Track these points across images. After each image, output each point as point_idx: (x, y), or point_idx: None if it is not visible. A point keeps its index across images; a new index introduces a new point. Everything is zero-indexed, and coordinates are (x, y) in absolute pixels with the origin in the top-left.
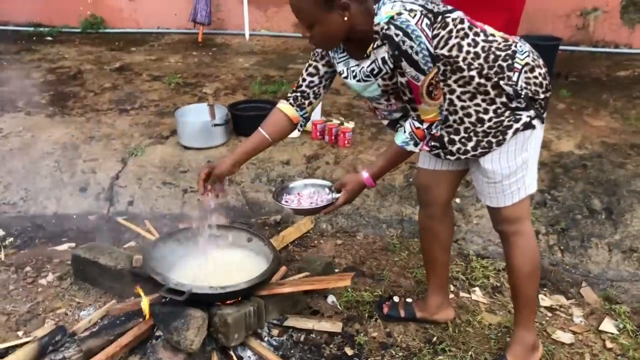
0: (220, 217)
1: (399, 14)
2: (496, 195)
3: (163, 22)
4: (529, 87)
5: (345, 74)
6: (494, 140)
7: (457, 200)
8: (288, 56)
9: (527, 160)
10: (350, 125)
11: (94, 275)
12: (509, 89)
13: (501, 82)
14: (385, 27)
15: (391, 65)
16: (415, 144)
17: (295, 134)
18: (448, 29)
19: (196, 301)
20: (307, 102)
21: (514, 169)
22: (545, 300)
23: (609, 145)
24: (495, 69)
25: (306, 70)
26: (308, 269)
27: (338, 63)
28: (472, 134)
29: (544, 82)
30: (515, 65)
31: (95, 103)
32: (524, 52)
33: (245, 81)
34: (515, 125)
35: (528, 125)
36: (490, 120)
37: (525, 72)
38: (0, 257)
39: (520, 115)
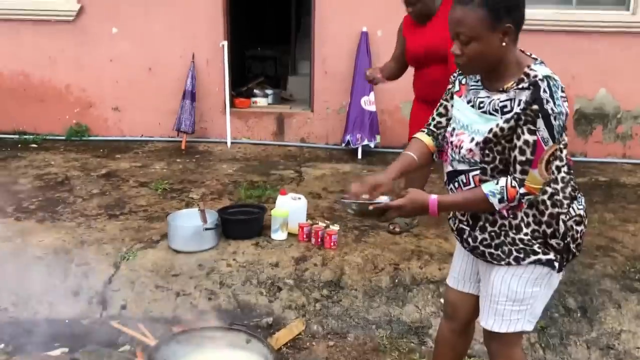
0: (213, 320)
1: (556, 79)
2: (494, 317)
3: (147, 130)
4: (570, 234)
5: (471, 102)
6: (515, 254)
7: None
8: (269, 162)
9: (536, 296)
10: (335, 227)
11: None
12: (561, 226)
13: (561, 216)
14: (540, 78)
15: (520, 113)
16: (500, 201)
17: (282, 236)
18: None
19: None
20: (437, 139)
21: (520, 297)
22: None
23: None
24: (561, 202)
25: (436, 110)
26: None
27: (469, 90)
28: (503, 233)
29: (580, 242)
30: (571, 210)
31: (85, 208)
32: (582, 204)
33: (229, 186)
34: (540, 256)
35: (549, 263)
36: (525, 235)
37: (575, 221)
38: None
39: (549, 252)
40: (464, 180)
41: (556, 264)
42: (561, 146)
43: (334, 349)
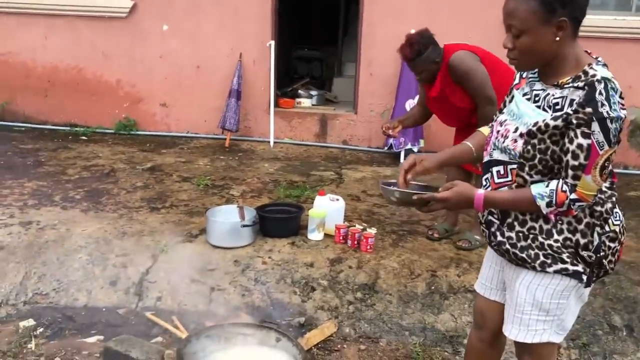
0: (246, 317)
1: (615, 83)
2: (519, 327)
3: (193, 127)
4: (604, 249)
5: (527, 95)
6: (542, 258)
7: None
8: (310, 163)
9: (564, 309)
10: (372, 231)
11: None
12: (595, 238)
13: (596, 227)
14: (598, 79)
15: (571, 115)
16: (549, 205)
17: (318, 236)
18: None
19: None
20: None
21: (546, 308)
22: None
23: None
24: (599, 214)
25: (502, 105)
26: None
27: (528, 82)
28: (531, 236)
29: (614, 258)
30: (607, 225)
31: (128, 200)
32: (618, 219)
33: (269, 185)
34: (568, 265)
35: (577, 275)
36: (556, 242)
37: (609, 237)
38: (30, 347)
39: (579, 264)
40: (502, 172)
41: (584, 277)
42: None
43: (365, 353)
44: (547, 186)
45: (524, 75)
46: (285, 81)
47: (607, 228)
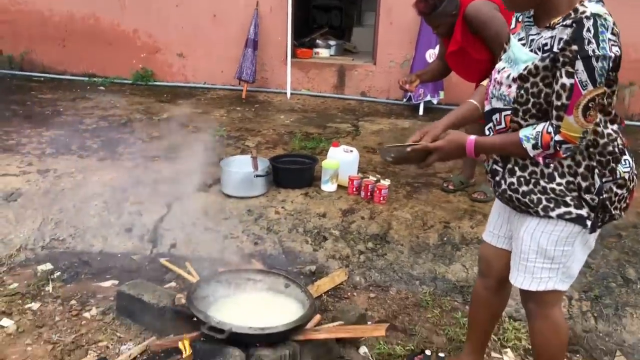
0: (258, 264)
1: (606, 19)
2: (524, 275)
3: (210, 78)
4: (609, 195)
5: (522, 39)
6: (544, 202)
7: None
8: (327, 115)
9: (569, 256)
10: (386, 182)
11: (136, 311)
12: (597, 181)
13: (595, 171)
14: (587, 15)
15: (558, 54)
16: (535, 147)
17: (332, 187)
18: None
19: (235, 341)
20: None
21: (551, 255)
22: None
23: None
24: (600, 158)
25: (502, 53)
26: (342, 319)
27: (524, 26)
28: (533, 180)
29: (621, 205)
30: (616, 172)
31: (144, 150)
32: (627, 167)
33: (285, 136)
34: (571, 209)
35: (580, 220)
36: (559, 185)
37: (617, 184)
38: (48, 289)
39: (583, 207)
40: (497, 119)
41: (588, 223)
42: (607, 95)
43: (374, 301)
44: (534, 129)
45: (520, 19)
46: (304, 31)
47: (616, 175)
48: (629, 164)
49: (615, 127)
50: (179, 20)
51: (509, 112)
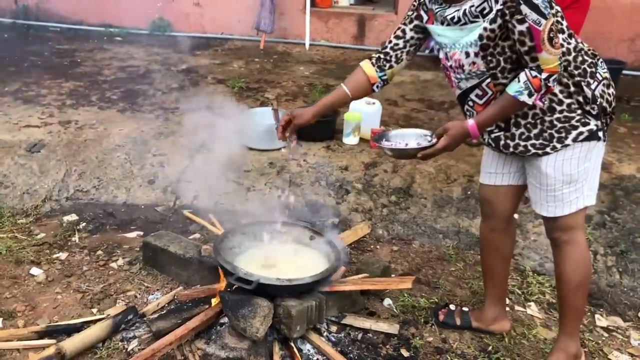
0: (281, 216)
1: None
2: (554, 204)
3: (227, 28)
4: (603, 99)
5: (445, 22)
6: (556, 135)
7: (515, 216)
8: (347, 67)
9: (589, 170)
10: None
11: (162, 262)
12: (587, 91)
13: (582, 83)
14: None
15: (502, 8)
16: (530, 94)
17: (354, 140)
18: (554, 11)
19: (263, 292)
20: (387, 64)
21: (575, 178)
22: (601, 321)
23: None
24: (579, 71)
25: (394, 33)
26: (366, 271)
27: (436, 14)
28: (538, 120)
29: (613, 103)
30: (597, 75)
31: (164, 101)
32: (604, 68)
33: (305, 88)
34: (581, 129)
35: (593, 135)
36: (561, 112)
37: (604, 84)
38: (74, 239)
39: (589, 121)
40: (480, 93)
41: (600, 134)
42: (558, 19)
43: (397, 254)
44: (518, 81)
45: (428, 8)
46: None
47: (598, 77)
48: (603, 64)
49: (574, 39)
50: None
51: (488, 80)
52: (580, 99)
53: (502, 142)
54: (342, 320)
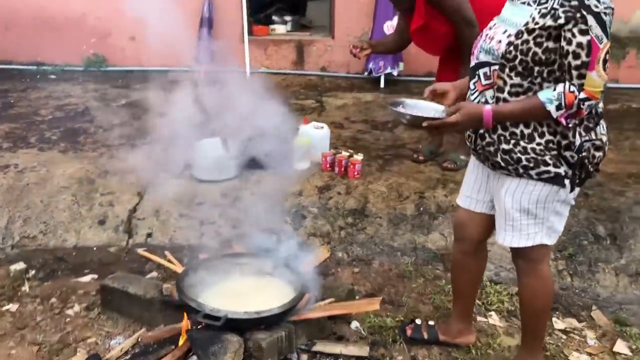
0: (239, 248)
1: None
2: (512, 234)
3: (165, 60)
4: (588, 156)
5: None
6: (523, 162)
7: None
8: (288, 92)
9: (550, 212)
10: (359, 157)
11: (122, 304)
12: (576, 139)
13: (577, 129)
14: None
15: (558, 10)
16: (558, 108)
17: (305, 165)
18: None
19: (231, 327)
20: None
21: (533, 213)
22: (558, 323)
23: (608, 174)
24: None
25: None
26: (331, 295)
27: None
28: (513, 140)
29: (597, 167)
30: (592, 133)
31: (106, 138)
32: (604, 131)
33: (251, 116)
34: (550, 168)
35: (559, 179)
36: (538, 145)
37: (594, 144)
38: (24, 289)
39: (561, 165)
40: (487, 73)
41: (566, 182)
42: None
43: (359, 275)
44: (554, 90)
45: None
46: (258, 7)
47: (592, 135)
48: (604, 129)
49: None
50: (128, 2)
51: (496, 67)
52: (564, 142)
53: (479, 132)
54: (312, 347)
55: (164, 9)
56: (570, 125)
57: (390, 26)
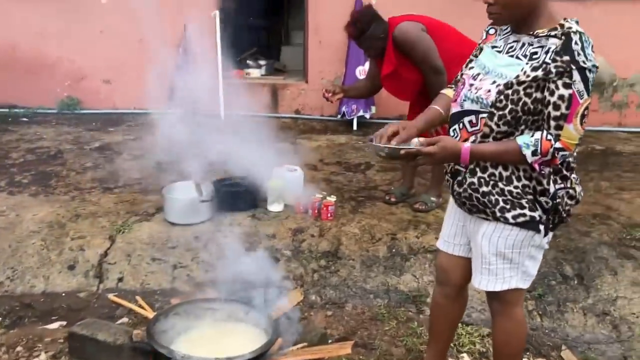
0: (211, 292)
1: (588, 37)
2: (488, 277)
3: (139, 103)
4: (562, 203)
5: (496, 47)
6: (501, 204)
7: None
8: (262, 134)
9: (525, 257)
10: (332, 199)
11: (91, 351)
12: (551, 187)
13: (551, 177)
14: (573, 31)
15: (550, 65)
16: (534, 154)
17: (279, 207)
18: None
19: None
20: None
21: (509, 257)
22: None
23: (574, 215)
24: (556, 167)
25: (466, 64)
26: (304, 340)
27: (503, 36)
28: (492, 182)
29: (569, 214)
30: (568, 182)
31: (78, 182)
32: (578, 182)
33: (224, 157)
34: (525, 212)
35: (534, 224)
36: (515, 188)
37: (568, 193)
38: None
39: (536, 210)
40: (473, 121)
41: (541, 227)
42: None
43: (332, 319)
44: (532, 136)
45: (492, 32)
46: (233, 52)
47: (567, 184)
48: (578, 180)
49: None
50: (103, 46)
51: (485, 115)
52: (539, 188)
53: (458, 178)
54: None
55: (138, 53)
56: (543, 172)
57: (362, 71)
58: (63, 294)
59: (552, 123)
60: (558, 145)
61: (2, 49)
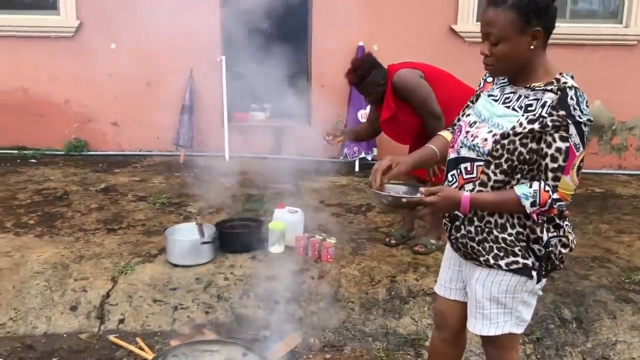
0: (211, 334)
1: (583, 93)
2: (482, 322)
3: (145, 144)
4: (555, 251)
5: (493, 96)
6: (495, 251)
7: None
8: (266, 176)
9: (519, 303)
10: (332, 240)
11: None
12: (544, 235)
13: (544, 225)
14: (569, 86)
15: (546, 118)
16: (533, 204)
17: (279, 249)
18: None
19: None
20: None
21: (502, 302)
22: None
23: (573, 258)
24: (550, 216)
25: (462, 110)
26: None
27: (499, 86)
28: (487, 230)
29: (562, 261)
30: (561, 230)
31: (83, 223)
32: (570, 230)
33: (227, 200)
34: (518, 259)
35: (526, 270)
36: (509, 235)
37: (561, 240)
38: None
39: (529, 257)
40: (468, 168)
41: (534, 273)
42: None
43: None
44: (530, 187)
45: (489, 81)
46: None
47: (560, 232)
48: (570, 228)
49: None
50: (112, 89)
51: (481, 163)
52: (532, 236)
53: (457, 223)
54: None
55: (146, 96)
56: (539, 221)
57: (364, 114)
58: (64, 335)
59: (550, 174)
60: (556, 196)
61: (13, 91)
